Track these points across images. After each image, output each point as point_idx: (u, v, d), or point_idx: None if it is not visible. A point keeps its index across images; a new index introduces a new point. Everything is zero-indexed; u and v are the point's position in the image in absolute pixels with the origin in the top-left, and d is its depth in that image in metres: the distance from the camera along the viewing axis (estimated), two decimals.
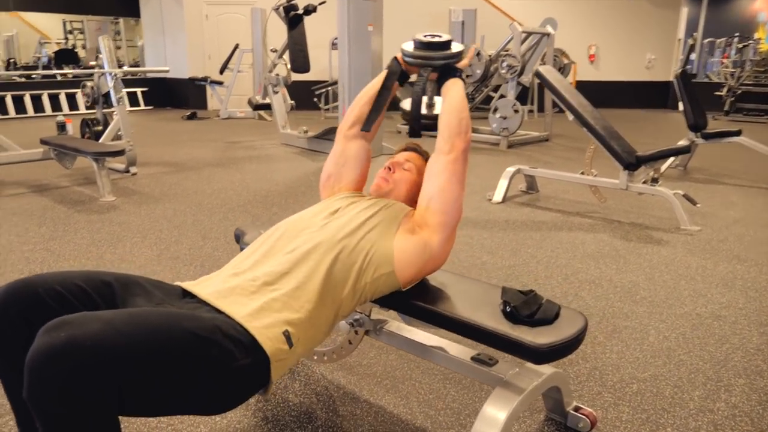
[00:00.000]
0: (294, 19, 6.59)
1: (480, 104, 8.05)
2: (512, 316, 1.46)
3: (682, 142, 5.24)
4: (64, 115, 6.89)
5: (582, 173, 4.23)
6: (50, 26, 11.88)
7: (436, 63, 1.67)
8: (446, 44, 1.67)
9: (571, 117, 4.15)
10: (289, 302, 1.32)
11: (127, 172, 5.09)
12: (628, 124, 9.63)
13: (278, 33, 7.12)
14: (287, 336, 1.28)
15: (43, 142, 4.54)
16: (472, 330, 1.46)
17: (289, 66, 6.85)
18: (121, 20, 12.26)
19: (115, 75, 5.01)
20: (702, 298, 2.68)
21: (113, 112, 5.09)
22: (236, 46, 9.04)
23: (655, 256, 3.23)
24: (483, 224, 3.78)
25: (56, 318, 1.03)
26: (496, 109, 6.80)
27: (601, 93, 11.18)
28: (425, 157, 1.83)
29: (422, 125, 1.73)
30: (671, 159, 5.49)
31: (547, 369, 1.58)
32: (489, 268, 3.02)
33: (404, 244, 1.54)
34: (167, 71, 6.33)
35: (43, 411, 1.00)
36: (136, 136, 7.12)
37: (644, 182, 3.97)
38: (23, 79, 9.66)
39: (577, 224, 3.83)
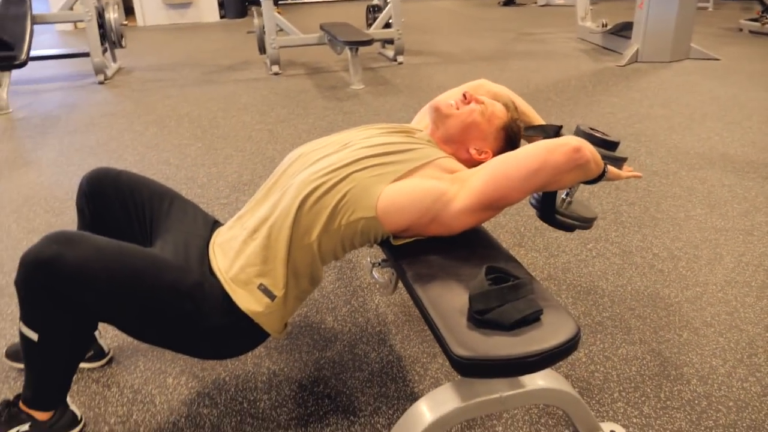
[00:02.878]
0: None
1: None
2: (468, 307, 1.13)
3: None
4: None
5: None
6: None
7: None
8: (612, 145, 1.39)
9: None
10: (263, 253, 1.26)
11: (395, 60, 5.27)
12: None
13: None
14: (264, 290, 1.25)
15: (321, 27, 4.96)
16: (423, 313, 1.19)
17: None
18: None
19: None
20: None
21: None
22: None
23: None
24: (722, 164, 2.89)
25: (65, 231, 1.16)
26: None
27: None
28: (512, 116, 1.47)
29: (553, 219, 1.40)
30: None
31: (547, 381, 1.21)
32: (623, 221, 2.34)
33: (404, 188, 1.28)
34: None
35: (24, 298, 1.16)
36: (439, 22, 7.28)
37: None
38: None
39: None
